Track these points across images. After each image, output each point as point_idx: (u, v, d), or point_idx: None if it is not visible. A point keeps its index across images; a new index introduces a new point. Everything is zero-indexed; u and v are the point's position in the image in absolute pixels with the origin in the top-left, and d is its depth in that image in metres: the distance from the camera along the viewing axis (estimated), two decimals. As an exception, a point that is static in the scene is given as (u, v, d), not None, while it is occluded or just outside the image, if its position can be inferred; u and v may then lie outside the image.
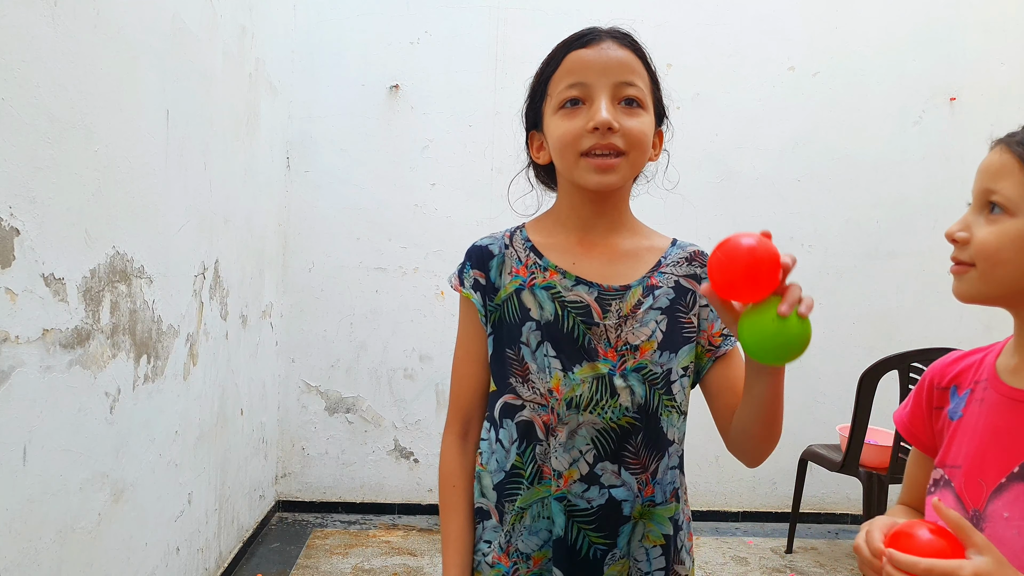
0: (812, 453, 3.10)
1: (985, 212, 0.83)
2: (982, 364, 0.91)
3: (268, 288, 3.22)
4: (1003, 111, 3.59)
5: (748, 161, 3.58)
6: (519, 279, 1.02)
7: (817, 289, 3.63)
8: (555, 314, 0.99)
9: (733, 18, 3.56)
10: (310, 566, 2.89)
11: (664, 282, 1.02)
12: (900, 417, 1.01)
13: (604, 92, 0.96)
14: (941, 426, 0.93)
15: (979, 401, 0.88)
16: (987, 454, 0.84)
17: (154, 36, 1.91)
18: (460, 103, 3.49)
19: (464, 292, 1.04)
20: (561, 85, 0.98)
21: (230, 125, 2.59)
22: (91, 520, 1.65)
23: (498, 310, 1.02)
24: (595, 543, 0.97)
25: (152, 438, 1.98)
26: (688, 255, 1.06)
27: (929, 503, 0.89)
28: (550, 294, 1.00)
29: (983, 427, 0.86)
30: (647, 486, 0.99)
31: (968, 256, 0.83)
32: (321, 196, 3.48)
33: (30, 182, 1.38)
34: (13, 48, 1.33)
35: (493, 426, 1.03)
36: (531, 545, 0.99)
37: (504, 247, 1.05)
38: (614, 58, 0.97)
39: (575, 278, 1.00)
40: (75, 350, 1.56)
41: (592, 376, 0.97)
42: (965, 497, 0.85)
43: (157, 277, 1.98)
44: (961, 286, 0.85)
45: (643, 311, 0.99)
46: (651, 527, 1.00)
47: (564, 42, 1.01)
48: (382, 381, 3.52)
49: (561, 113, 0.98)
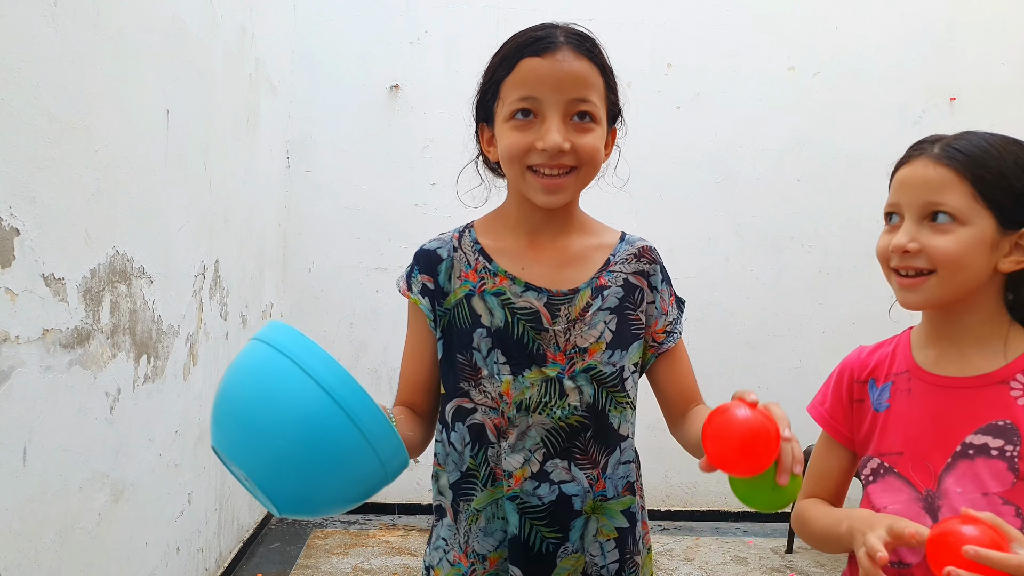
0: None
1: (926, 223, 0.89)
2: (895, 357, 0.99)
3: (268, 288, 3.22)
4: (1003, 111, 3.58)
5: (748, 161, 3.58)
6: (469, 284, 1.01)
7: (817, 289, 3.64)
8: (505, 321, 0.99)
9: (733, 18, 3.56)
10: (310, 566, 2.89)
11: (613, 281, 1.02)
12: (819, 412, 1.06)
13: (556, 110, 0.93)
14: (863, 417, 1.00)
15: (906, 391, 0.96)
16: (927, 438, 0.92)
17: (154, 36, 1.91)
18: (460, 103, 3.44)
19: (412, 297, 1.04)
20: (513, 95, 0.95)
21: (230, 125, 2.59)
22: (91, 520, 1.65)
23: (447, 315, 1.02)
24: (547, 538, 0.98)
25: (152, 438, 1.98)
26: (637, 251, 1.05)
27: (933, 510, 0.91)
28: (500, 300, 1.00)
29: (917, 414, 0.94)
30: (598, 481, 1.00)
31: (924, 264, 0.89)
32: (321, 196, 3.48)
33: (30, 182, 1.38)
34: (13, 48, 1.32)
35: (445, 428, 1.03)
36: (487, 546, 1.00)
37: (453, 250, 1.04)
38: (569, 73, 0.94)
39: (524, 284, 1.00)
40: (75, 350, 1.56)
41: (541, 379, 0.98)
42: (915, 480, 0.92)
43: (157, 277, 1.98)
44: (919, 295, 0.91)
45: (591, 313, 1.00)
46: (604, 521, 1.00)
47: (519, 44, 0.97)
48: (382, 381, 3.52)
49: (512, 124, 0.96)
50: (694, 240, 3.51)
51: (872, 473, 0.97)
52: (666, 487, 3.61)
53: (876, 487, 0.95)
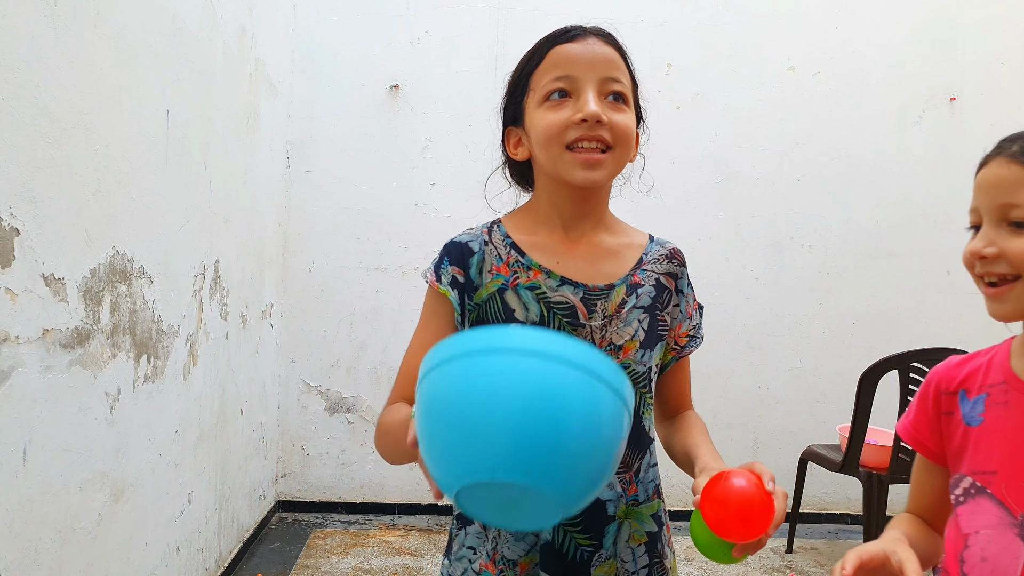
0: (812, 453, 3.10)
1: (1004, 226, 0.83)
2: (991, 367, 0.90)
3: (268, 288, 3.22)
4: (1003, 111, 3.58)
5: (748, 161, 3.58)
6: (501, 278, 0.99)
7: (817, 289, 3.64)
8: (540, 315, 0.97)
9: (733, 18, 3.56)
10: (310, 566, 2.89)
11: (646, 280, 1.02)
12: (904, 426, 0.99)
13: (591, 85, 0.94)
14: (953, 432, 0.91)
15: (1002, 404, 0.87)
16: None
17: (154, 36, 1.91)
18: (460, 103, 3.49)
19: (441, 289, 0.99)
20: (546, 78, 0.96)
21: (230, 125, 2.59)
22: (91, 520, 1.65)
23: (477, 309, 0.99)
24: (581, 545, 0.97)
25: (152, 438, 1.98)
26: (668, 252, 1.06)
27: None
28: (535, 294, 0.98)
29: (1013, 430, 0.85)
30: (630, 485, 0.99)
31: (1006, 269, 0.82)
32: (321, 196, 3.48)
33: (30, 182, 1.38)
34: (13, 48, 1.33)
35: None
36: (517, 551, 0.98)
37: (484, 244, 1.01)
38: (600, 53, 0.96)
39: (560, 278, 0.98)
40: (75, 350, 1.56)
41: None
42: (1009, 502, 0.84)
43: (157, 277, 1.98)
44: (1006, 304, 0.83)
45: (627, 310, 0.99)
46: (636, 526, 1.00)
47: (548, 37, 0.99)
48: (382, 381, 3.52)
49: (546, 105, 0.95)
50: (693, 240, 3.50)
51: (963, 493, 0.89)
52: (666, 487, 3.55)
53: (965, 508, 0.88)
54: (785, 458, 3.29)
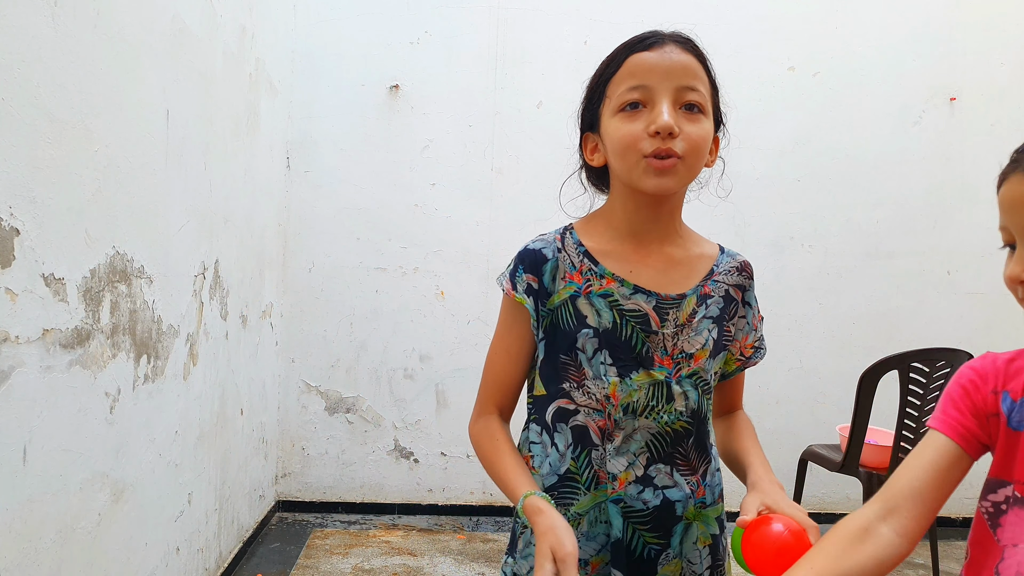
0: (812, 453, 3.10)
1: None
2: None
3: (268, 288, 3.22)
4: (1003, 111, 3.58)
5: (748, 161, 3.58)
6: (574, 285, 1.01)
7: (817, 289, 3.64)
8: (613, 322, 0.99)
9: (733, 18, 3.56)
10: (310, 566, 2.89)
11: (716, 291, 1.04)
12: (942, 420, 0.88)
13: (666, 96, 0.94)
14: (994, 433, 0.86)
15: None
16: None
17: (154, 36, 1.91)
18: (460, 103, 3.49)
19: (517, 297, 1.02)
20: (622, 87, 0.97)
21: (230, 125, 2.59)
22: (91, 520, 1.65)
23: (550, 315, 1.01)
24: (650, 543, 0.99)
25: (152, 438, 1.98)
26: (739, 264, 1.09)
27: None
28: (608, 302, 0.99)
29: None
30: (698, 488, 1.02)
31: None
32: (321, 196, 3.48)
33: (30, 182, 1.38)
34: (13, 48, 1.32)
35: (545, 430, 1.03)
36: (589, 550, 1.00)
37: (557, 251, 1.02)
38: (677, 62, 0.96)
39: (633, 286, 1.00)
40: (75, 350, 1.56)
41: (649, 383, 0.99)
42: None
43: (157, 277, 1.98)
44: None
45: (698, 320, 1.01)
46: (702, 528, 1.02)
47: (625, 44, 1.00)
48: (382, 381, 3.52)
49: (621, 116, 0.96)
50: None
51: (1004, 501, 0.83)
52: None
53: (1008, 519, 0.82)
54: (785, 458, 3.29)
